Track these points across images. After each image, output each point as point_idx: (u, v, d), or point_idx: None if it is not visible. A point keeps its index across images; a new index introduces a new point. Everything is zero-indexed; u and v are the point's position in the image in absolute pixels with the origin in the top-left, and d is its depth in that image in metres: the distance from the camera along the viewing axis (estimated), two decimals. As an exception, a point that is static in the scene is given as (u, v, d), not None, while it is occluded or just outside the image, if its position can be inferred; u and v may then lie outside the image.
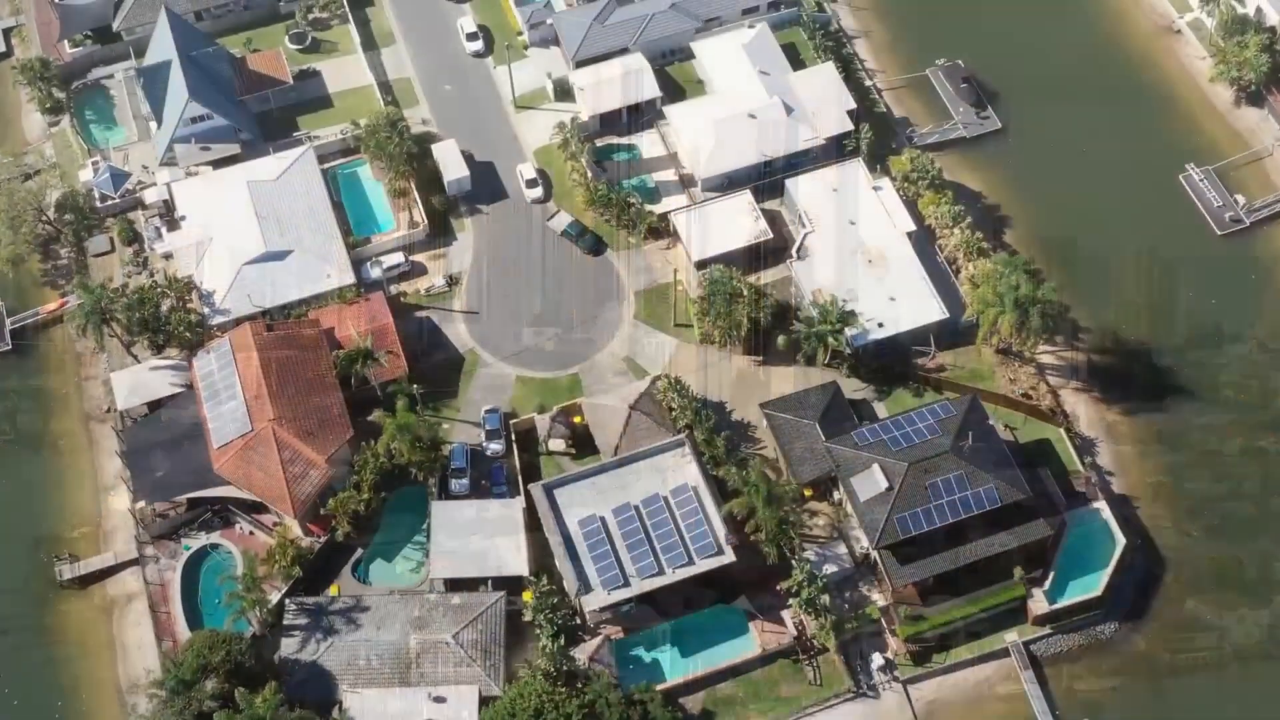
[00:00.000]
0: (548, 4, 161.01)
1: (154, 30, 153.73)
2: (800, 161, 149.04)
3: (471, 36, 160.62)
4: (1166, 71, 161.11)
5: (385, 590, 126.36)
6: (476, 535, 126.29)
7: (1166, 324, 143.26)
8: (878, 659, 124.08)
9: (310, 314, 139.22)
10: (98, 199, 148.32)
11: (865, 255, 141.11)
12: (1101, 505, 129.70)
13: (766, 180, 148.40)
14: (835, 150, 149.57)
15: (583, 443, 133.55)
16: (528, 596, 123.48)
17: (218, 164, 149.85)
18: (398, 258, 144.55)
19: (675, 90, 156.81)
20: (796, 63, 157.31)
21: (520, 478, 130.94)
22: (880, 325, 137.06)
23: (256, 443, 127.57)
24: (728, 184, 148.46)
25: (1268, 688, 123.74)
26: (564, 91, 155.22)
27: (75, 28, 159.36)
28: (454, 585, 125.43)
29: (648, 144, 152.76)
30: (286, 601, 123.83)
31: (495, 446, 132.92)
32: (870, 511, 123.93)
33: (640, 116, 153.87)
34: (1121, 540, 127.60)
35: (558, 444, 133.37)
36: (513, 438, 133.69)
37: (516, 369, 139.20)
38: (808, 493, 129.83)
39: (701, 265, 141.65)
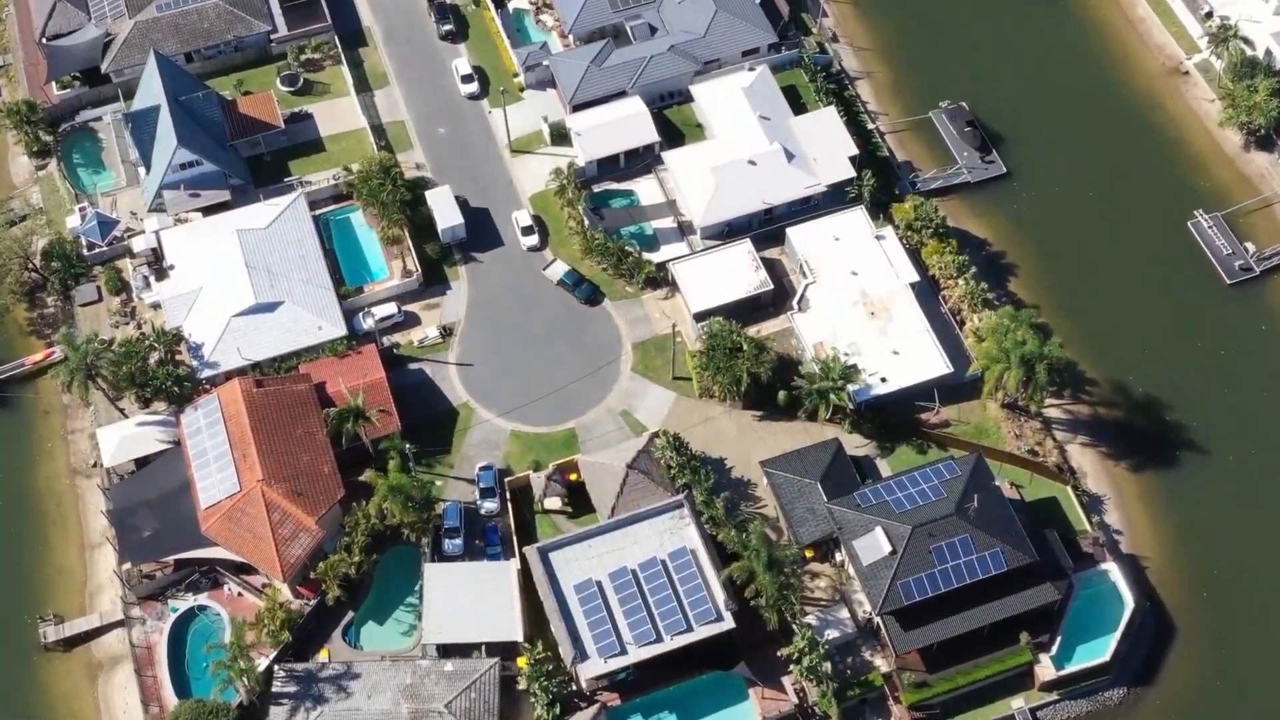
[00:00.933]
0: (544, 46, 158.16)
1: (143, 73, 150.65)
2: (801, 209, 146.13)
3: (466, 78, 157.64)
4: (1174, 114, 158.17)
5: (376, 656, 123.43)
6: (470, 598, 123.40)
7: (1175, 375, 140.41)
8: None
9: (301, 367, 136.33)
10: (85, 247, 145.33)
11: (868, 307, 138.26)
12: (1110, 566, 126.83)
13: (767, 229, 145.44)
14: (837, 197, 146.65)
15: (579, 498, 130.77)
16: (522, 663, 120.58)
17: (208, 211, 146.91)
18: (391, 308, 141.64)
19: (674, 134, 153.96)
20: (797, 106, 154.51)
21: (515, 538, 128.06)
22: (883, 380, 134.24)
23: (245, 503, 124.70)
24: (727, 231, 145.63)
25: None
26: (560, 135, 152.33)
27: (63, 69, 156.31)
28: (447, 651, 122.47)
29: (646, 190, 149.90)
30: (275, 668, 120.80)
31: (490, 505, 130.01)
32: (873, 576, 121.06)
33: (638, 161, 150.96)
34: (1130, 603, 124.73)
35: (553, 502, 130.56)
36: (508, 496, 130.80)
37: (511, 423, 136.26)
38: (809, 554, 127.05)
39: (701, 317, 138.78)
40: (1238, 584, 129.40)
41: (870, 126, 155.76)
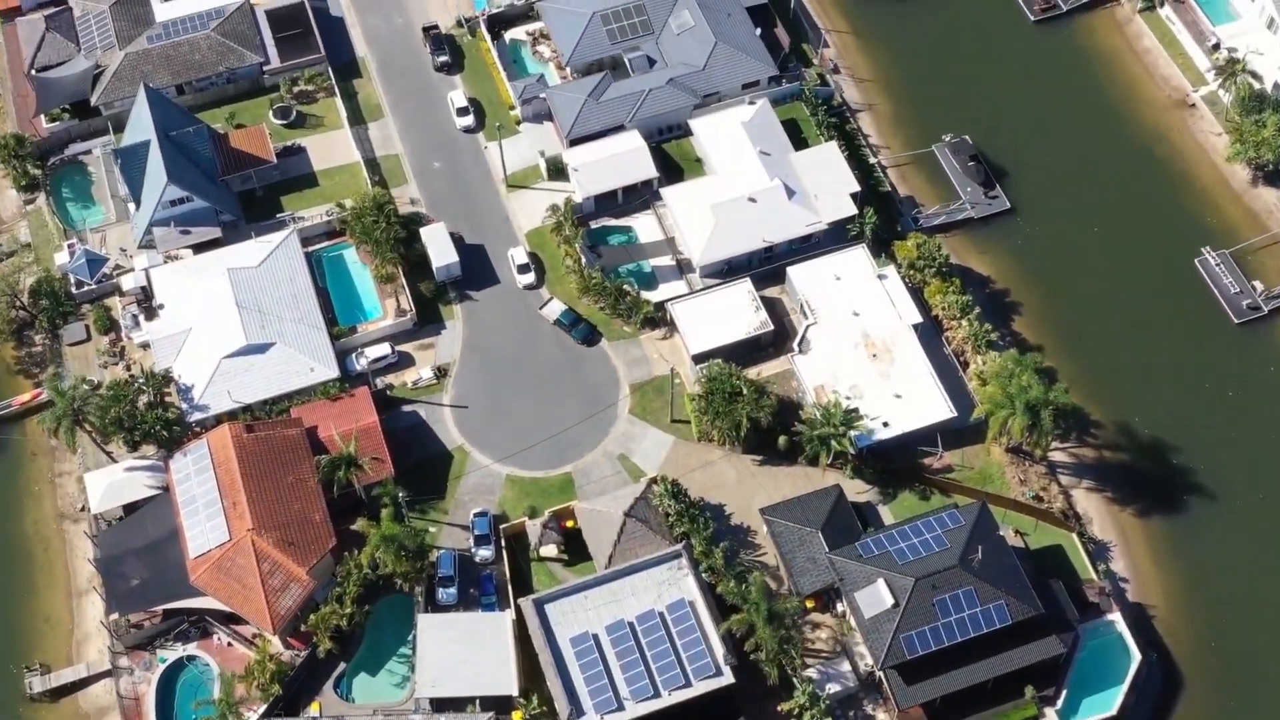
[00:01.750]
0: (541, 78, 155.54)
1: (133, 107, 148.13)
2: (802, 247, 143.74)
3: (462, 111, 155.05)
4: (1181, 147, 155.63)
5: (369, 709, 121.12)
6: (464, 650, 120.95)
7: (1182, 417, 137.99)
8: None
9: (292, 410, 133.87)
10: (73, 285, 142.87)
11: (869, 349, 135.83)
12: (1116, 617, 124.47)
13: (767, 267, 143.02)
14: (838, 235, 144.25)
15: (576, 545, 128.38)
16: (518, 717, 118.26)
17: (198, 248, 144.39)
18: (384, 349, 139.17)
19: (673, 168, 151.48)
20: (798, 140, 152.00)
21: (510, 587, 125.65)
22: (885, 425, 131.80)
23: (235, 553, 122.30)
24: (727, 270, 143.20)
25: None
26: (558, 170, 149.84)
27: (52, 102, 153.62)
28: (440, 704, 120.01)
29: (644, 226, 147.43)
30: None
31: (484, 553, 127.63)
32: (875, 629, 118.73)
33: (636, 197, 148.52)
34: (1137, 655, 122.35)
35: (550, 550, 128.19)
36: (503, 543, 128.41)
37: (507, 468, 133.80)
38: (810, 604, 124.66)
39: (700, 358, 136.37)
40: (1246, 632, 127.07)
41: (872, 161, 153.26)
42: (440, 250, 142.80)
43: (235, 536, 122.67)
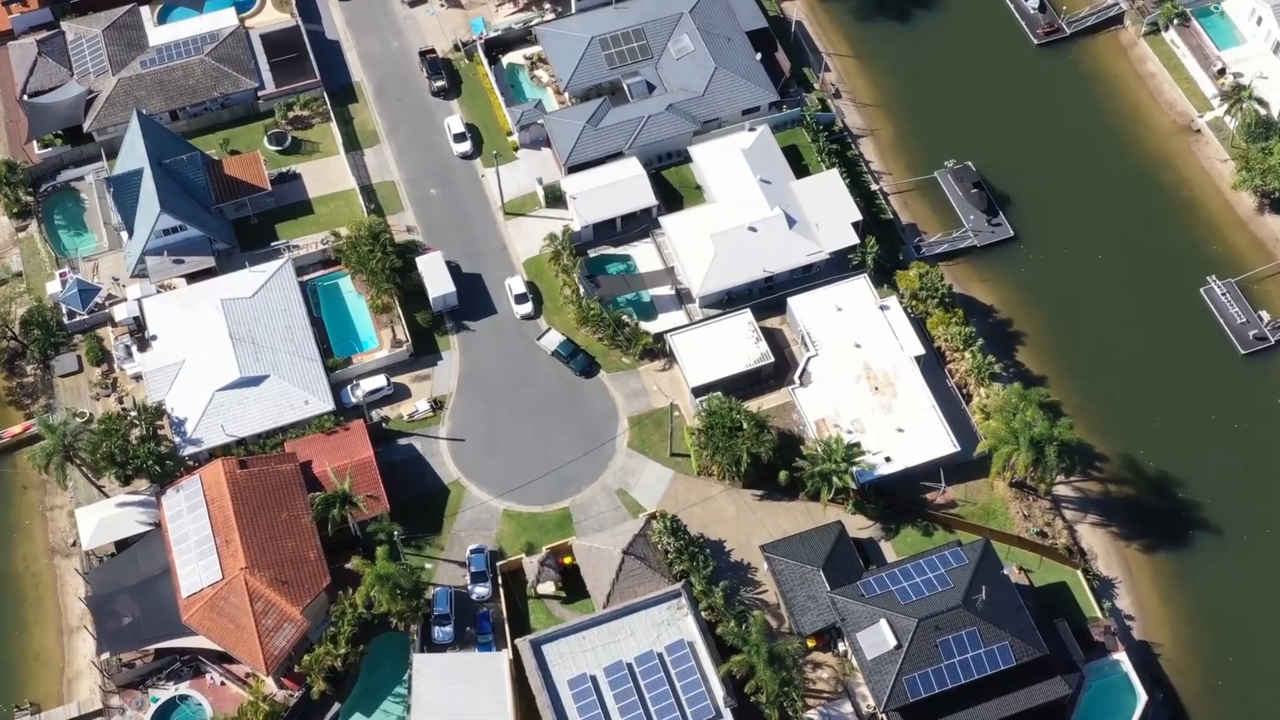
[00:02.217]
0: (539, 104, 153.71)
1: (125, 134, 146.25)
2: (803, 276, 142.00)
3: (459, 137, 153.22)
4: (1186, 174, 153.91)
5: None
6: (460, 691, 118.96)
7: (1188, 450, 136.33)
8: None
9: (287, 444, 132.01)
10: (65, 315, 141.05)
11: (871, 382, 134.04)
12: (1121, 656, 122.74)
13: (768, 298, 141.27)
14: (840, 264, 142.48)
15: (573, 581, 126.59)
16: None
17: (192, 277, 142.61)
18: (380, 381, 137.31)
19: (672, 195, 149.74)
20: (799, 166, 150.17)
21: (507, 625, 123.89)
22: (888, 459, 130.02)
23: (228, 592, 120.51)
24: (727, 300, 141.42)
25: None
26: (556, 197, 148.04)
27: (45, 128, 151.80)
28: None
29: (643, 255, 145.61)
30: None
31: (481, 590, 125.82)
32: (878, 671, 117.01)
33: (635, 225, 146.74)
34: (1143, 696, 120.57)
35: (547, 587, 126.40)
36: (499, 580, 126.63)
37: (503, 502, 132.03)
38: (811, 643, 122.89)
39: (699, 391, 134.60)
40: (1254, 671, 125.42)
41: (874, 187, 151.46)
42: (437, 280, 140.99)
43: (228, 575, 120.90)
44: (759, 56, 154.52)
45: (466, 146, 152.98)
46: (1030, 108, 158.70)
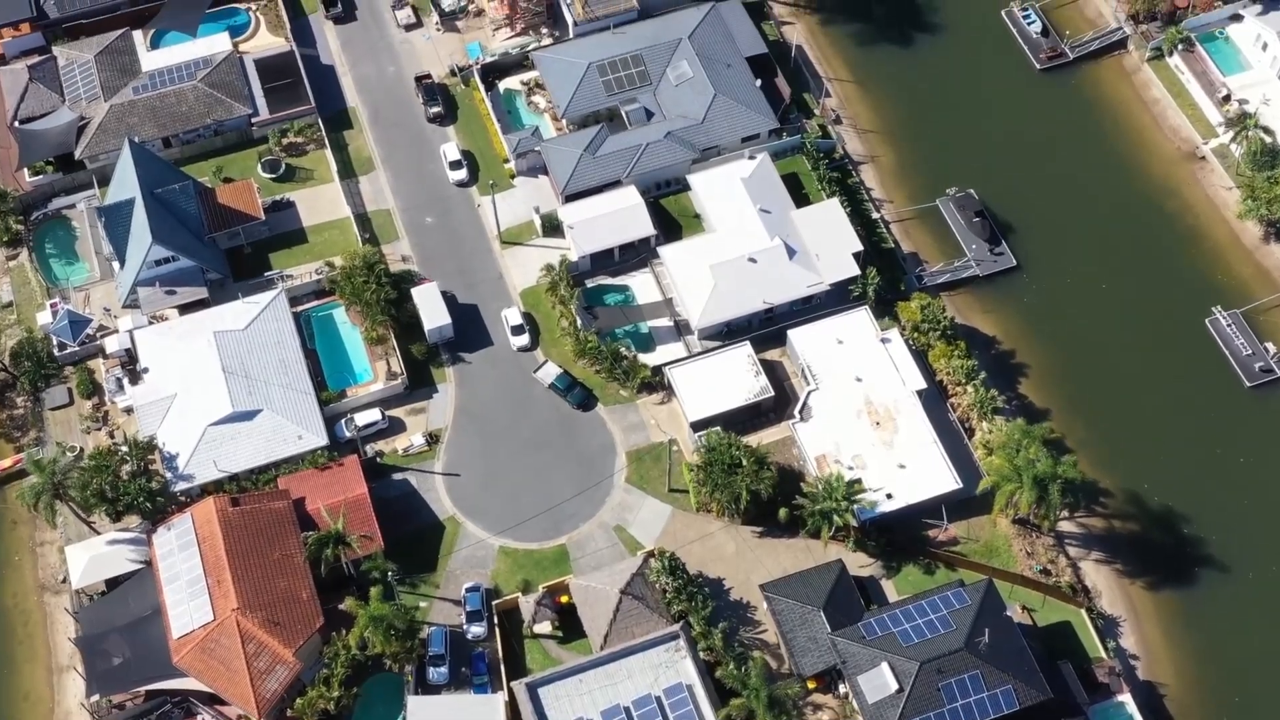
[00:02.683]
0: (535, 131, 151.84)
1: (117, 162, 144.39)
2: (803, 308, 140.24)
3: (455, 165, 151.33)
4: (1191, 202, 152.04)
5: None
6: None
7: (1193, 485, 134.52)
8: None
9: (280, 480, 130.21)
10: (56, 346, 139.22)
11: (872, 416, 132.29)
12: (1126, 698, 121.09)
13: (768, 329, 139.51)
14: (840, 296, 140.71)
15: (570, 620, 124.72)
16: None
17: (184, 309, 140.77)
18: (374, 415, 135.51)
19: (670, 224, 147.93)
20: (799, 194, 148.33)
21: (503, 666, 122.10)
22: (889, 496, 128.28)
23: (219, 634, 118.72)
24: (726, 332, 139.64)
25: None
26: (553, 226, 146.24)
27: (36, 155, 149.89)
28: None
29: (641, 285, 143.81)
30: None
31: (477, 630, 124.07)
32: (879, 715, 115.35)
33: (634, 254, 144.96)
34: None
35: (544, 627, 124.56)
36: (495, 619, 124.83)
37: (500, 539, 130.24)
38: (811, 684, 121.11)
39: (698, 426, 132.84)
40: (1259, 711, 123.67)
41: (875, 216, 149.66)
42: (432, 312, 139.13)
43: (219, 616, 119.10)
44: (759, 83, 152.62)
45: (463, 174, 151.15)
46: (1033, 134, 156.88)
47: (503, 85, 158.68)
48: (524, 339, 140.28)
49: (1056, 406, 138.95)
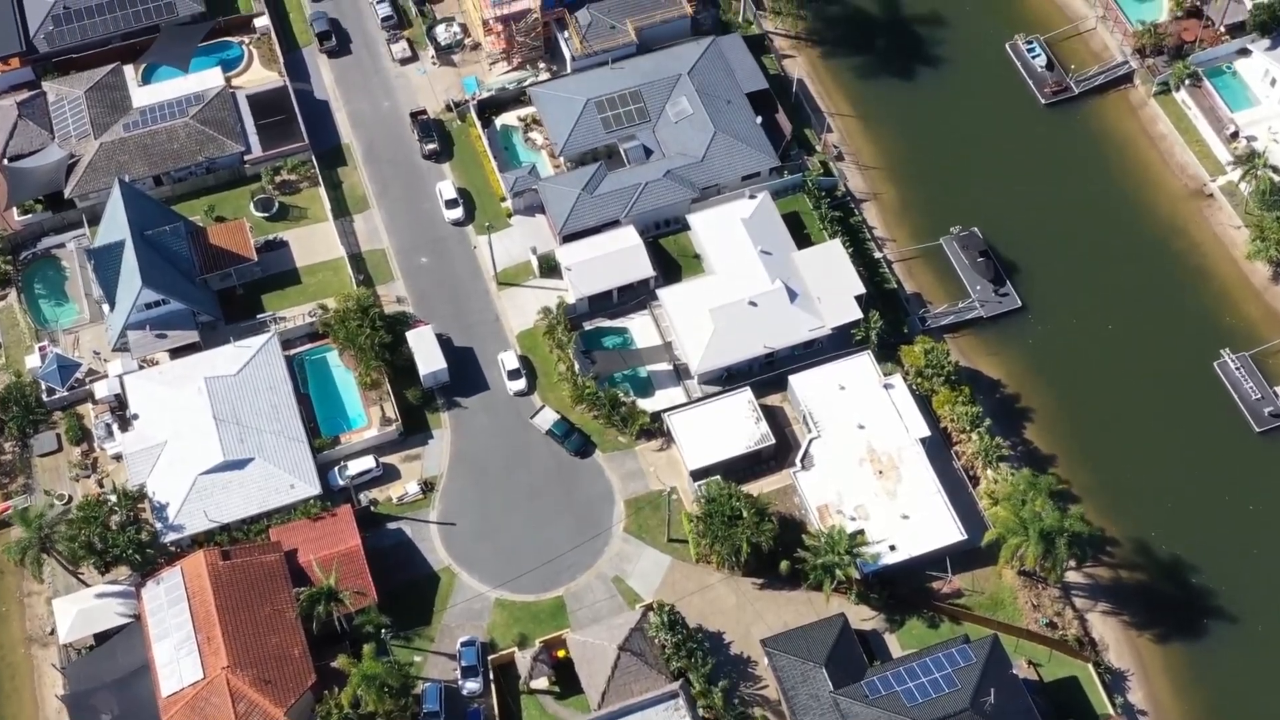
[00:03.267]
0: (533, 169, 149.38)
1: (107, 202, 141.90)
2: (804, 351, 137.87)
3: (451, 203, 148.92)
4: (1198, 241, 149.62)
5: None
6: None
7: (1201, 533, 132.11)
8: None
9: (271, 531, 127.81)
10: (44, 392, 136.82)
11: (875, 465, 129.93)
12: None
13: (769, 375, 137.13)
14: (842, 340, 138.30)
15: (568, 675, 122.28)
16: None
17: (175, 352, 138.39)
18: (368, 462, 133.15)
19: (670, 264, 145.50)
20: (800, 235, 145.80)
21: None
22: (892, 548, 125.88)
23: (209, 692, 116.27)
24: (726, 377, 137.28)
25: None
26: (550, 267, 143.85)
27: (25, 193, 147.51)
28: None
29: (640, 327, 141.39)
30: None
31: (472, 685, 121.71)
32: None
33: (632, 296, 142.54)
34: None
35: (540, 682, 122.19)
36: (491, 674, 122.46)
37: (496, 591, 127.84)
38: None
39: (698, 475, 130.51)
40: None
41: (877, 255, 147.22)
42: (428, 357, 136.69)
43: (209, 674, 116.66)
44: (760, 119, 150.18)
45: (458, 213, 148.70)
46: (1038, 170, 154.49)
47: (500, 121, 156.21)
48: (521, 383, 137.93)
49: (1062, 451, 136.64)
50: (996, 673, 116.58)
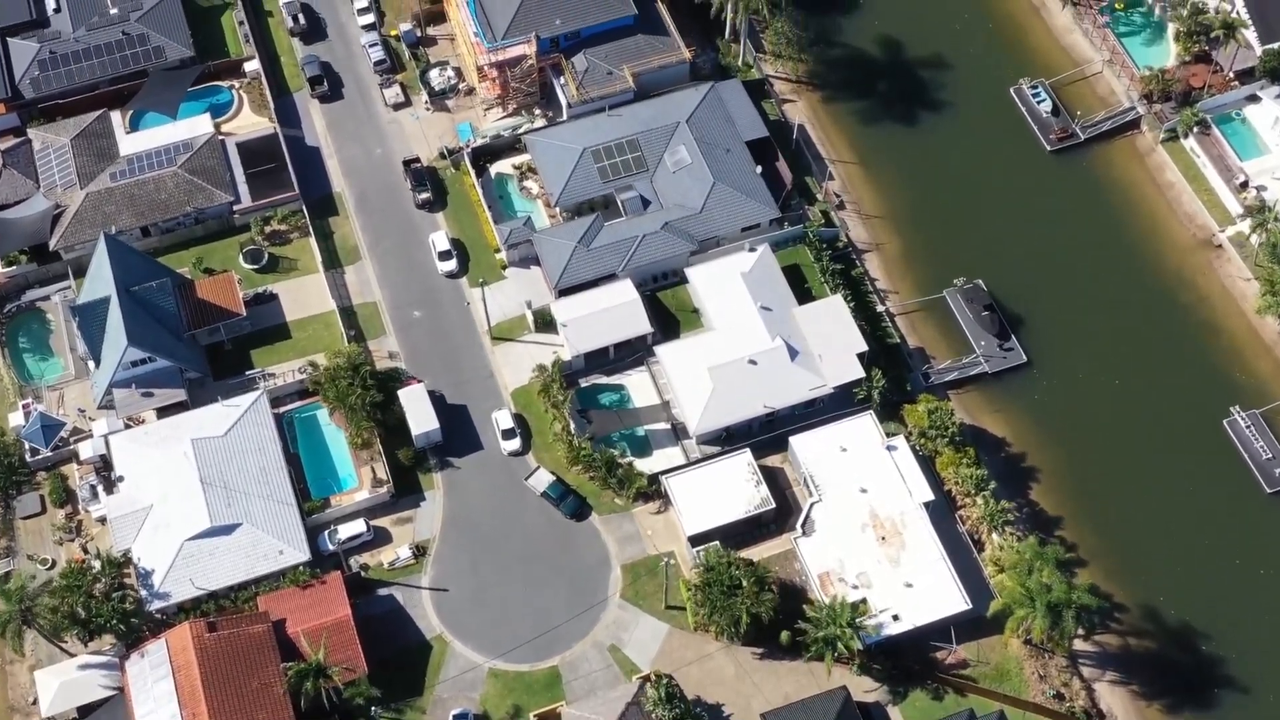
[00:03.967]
0: (528, 221, 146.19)
1: (93, 255, 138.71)
2: (805, 410, 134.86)
3: (444, 255, 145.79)
4: (1207, 294, 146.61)
5: None
6: None
7: (1211, 599, 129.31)
8: None
9: (260, 599, 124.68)
10: (28, 452, 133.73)
11: (878, 530, 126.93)
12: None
13: (769, 435, 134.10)
14: (844, 399, 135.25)
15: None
16: None
17: (162, 411, 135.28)
18: (359, 526, 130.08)
19: (668, 318, 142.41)
20: (801, 289, 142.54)
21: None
22: (895, 618, 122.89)
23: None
24: (725, 437, 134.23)
25: None
26: (545, 322, 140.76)
27: (9, 245, 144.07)
28: None
29: (637, 385, 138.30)
30: None
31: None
32: None
33: (630, 352, 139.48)
34: None
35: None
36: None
37: (489, 660, 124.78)
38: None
39: (696, 540, 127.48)
40: None
41: (880, 309, 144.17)
42: (420, 417, 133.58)
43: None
44: (760, 169, 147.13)
45: (452, 265, 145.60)
46: (1043, 219, 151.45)
47: (494, 169, 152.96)
48: (515, 443, 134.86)
49: (1068, 513, 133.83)
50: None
